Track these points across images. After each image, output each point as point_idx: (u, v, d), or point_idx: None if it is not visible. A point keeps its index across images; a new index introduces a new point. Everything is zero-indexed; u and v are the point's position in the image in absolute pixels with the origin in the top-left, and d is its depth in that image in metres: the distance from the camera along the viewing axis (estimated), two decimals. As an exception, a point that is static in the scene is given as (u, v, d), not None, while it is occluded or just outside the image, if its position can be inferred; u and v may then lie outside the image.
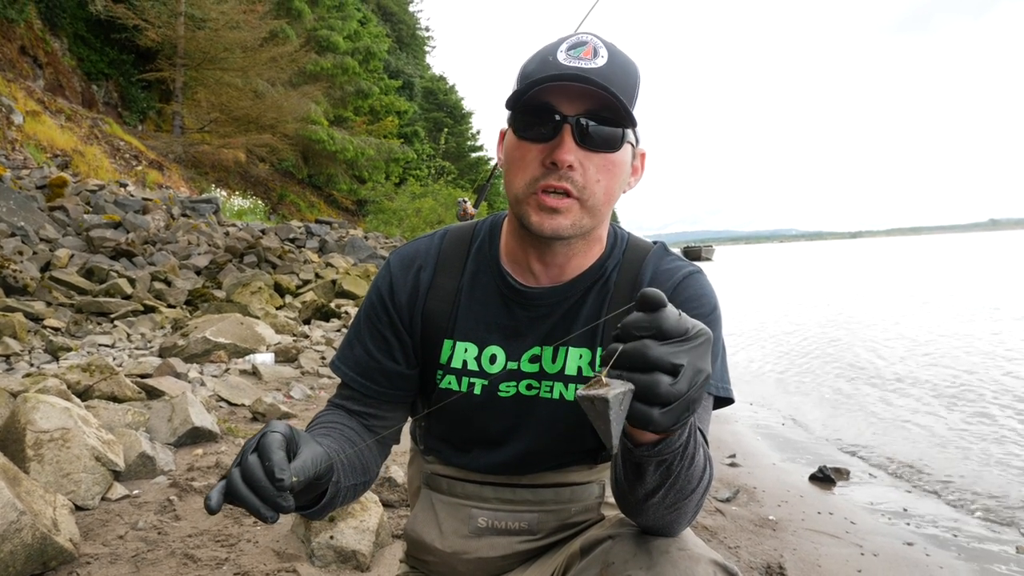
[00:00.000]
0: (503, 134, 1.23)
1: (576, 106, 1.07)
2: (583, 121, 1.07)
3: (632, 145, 1.15)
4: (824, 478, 3.95)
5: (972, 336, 9.08)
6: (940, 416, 5.34)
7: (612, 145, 1.10)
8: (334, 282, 10.00)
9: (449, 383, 1.27)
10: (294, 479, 0.85)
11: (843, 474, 4.04)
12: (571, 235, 1.13)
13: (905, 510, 3.55)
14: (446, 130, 44.99)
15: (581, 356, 1.23)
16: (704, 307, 1.19)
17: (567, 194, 1.09)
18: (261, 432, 0.89)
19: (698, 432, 0.93)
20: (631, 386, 0.72)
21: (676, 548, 1.02)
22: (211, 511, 0.83)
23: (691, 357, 0.73)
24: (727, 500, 3.54)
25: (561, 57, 1.08)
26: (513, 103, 1.11)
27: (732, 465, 4.17)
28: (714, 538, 3.00)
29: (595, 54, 1.08)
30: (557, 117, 1.07)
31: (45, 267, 8.11)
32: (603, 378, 0.73)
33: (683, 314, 0.75)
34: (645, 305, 0.74)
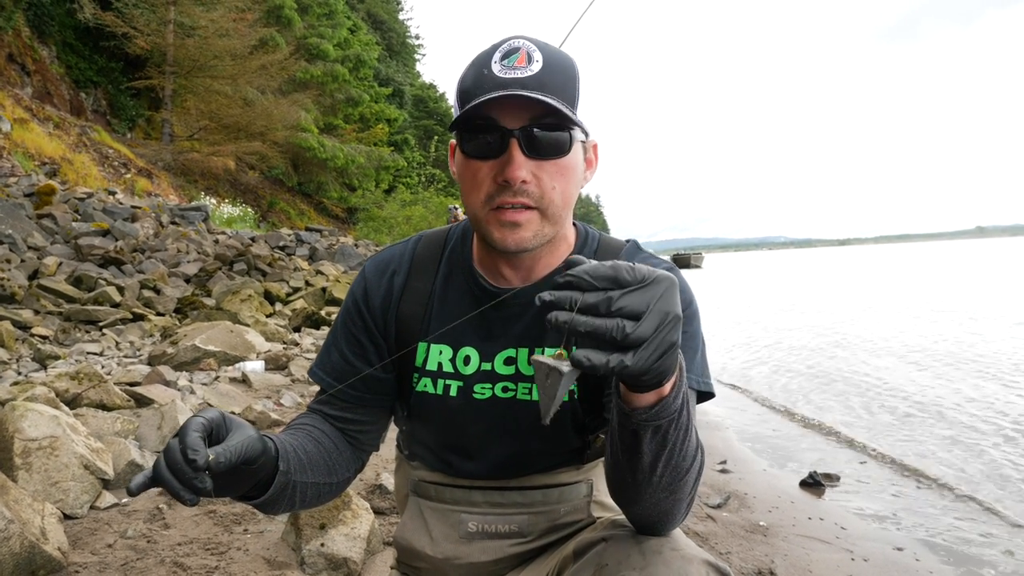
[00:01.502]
0: (453, 148, 1.22)
1: (519, 118, 1.06)
2: (529, 132, 1.06)
3: (582, 142, 1.15)
4: (814, 483, 3.96)
5: (964, 340, 9.14)
6: (932, 420, 5.38)
7: (561, 150, 1.09)
8: (324, 290, 9.99)
9: (425, 386, 1.28)
10: (210, 458, 0.86)
11: (833, 479, 4.05)
12: (534, 246, 1.13)
13: (895, 515, 3.56)
14: (436, 138, 45.05)
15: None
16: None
17: (526, 207, 1.09)
18: (189, 417, 0.90)
19: (692, 408, 0.94)
20: (577, 373, 0.75)
21: (669, 548, 1.02)
22: (131, 493, 0.86)
23: (653, 300, 0.74)
24: (718, 506, 3.54)
25: (496, 69, 1.06)
26: (455, 123, 1.10)
27: (723, 471, 4.18)
28: (705, 544, 3.00)
29: (529, 60, 1.06)
30: (501, 134, 1.07)
31: (33, 275, 8.05)
32: (563, 351, 0.75)
33: (636, 264, 0.76)
34: (571, 266, 0.76)
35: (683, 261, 59.95)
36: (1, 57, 17.52)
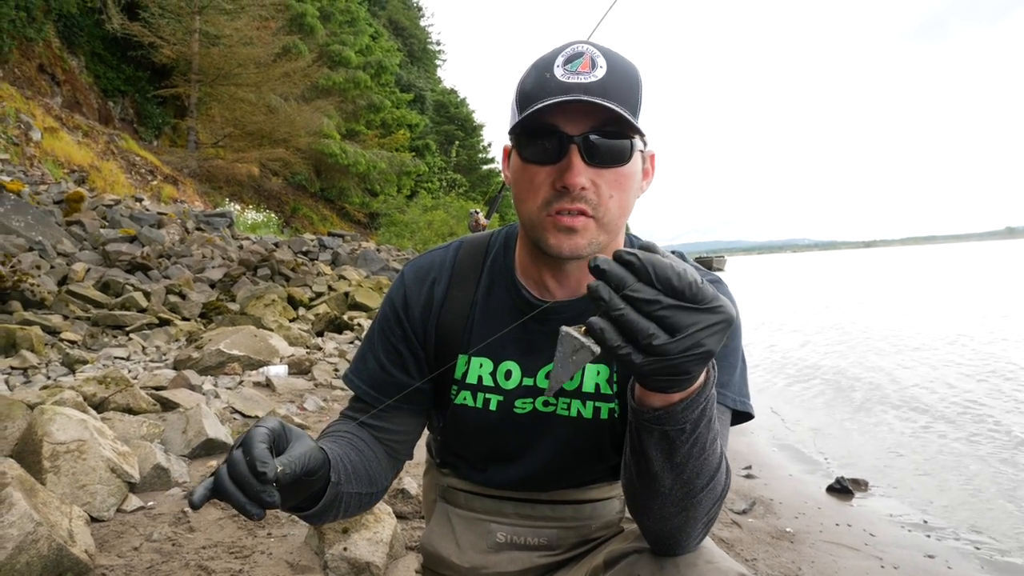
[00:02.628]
0: (507, 151, 1.19)
1: (580, 124, 1.03)
2: (590, 139, 1.03)
3: (641, 152, 1.11)
4: (842, 489, 3.90)
5: (991, 348, 8.97)
6: (959, 431, 5.27)
7: (622, 159, 1.06)
8: (347, 294, 10.03)
9: (464, 399, 1.25)
10: (279, 470, 0.84)
11: (861, 485, 3.98)
12: (589, 253, 1.09)
13: (925, 522, 3.49)
14: (457, 143, 45.21)
15: (599, 372, 1.21)
16: None
17: (582, 213, 1.06)
18: (250, 428, 0.88)
19: (716, 428, 0.90)
20: (597, 350, 0.73)
21: (704, 561, 1.00)
22: (193, 507, 0.83)
23: (696, 327, 0.71)
24: (743, 512, 3.50)
25: (559, 73, 1.04)
26: (515, 127, 1.08)
27: (748, 477, 4.13)
28: (731, 551, 2.96)
29: (593, 65, 1.03)
30: (561, 140, 1.04)
31: (62, 281, 8.18)
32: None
33: (704, 281, 0.72)
34: (647, 249, 0.74)
35: (704, 265, 59.37)
36: (32, 68, 17.88)
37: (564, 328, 0.74)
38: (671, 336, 0.70)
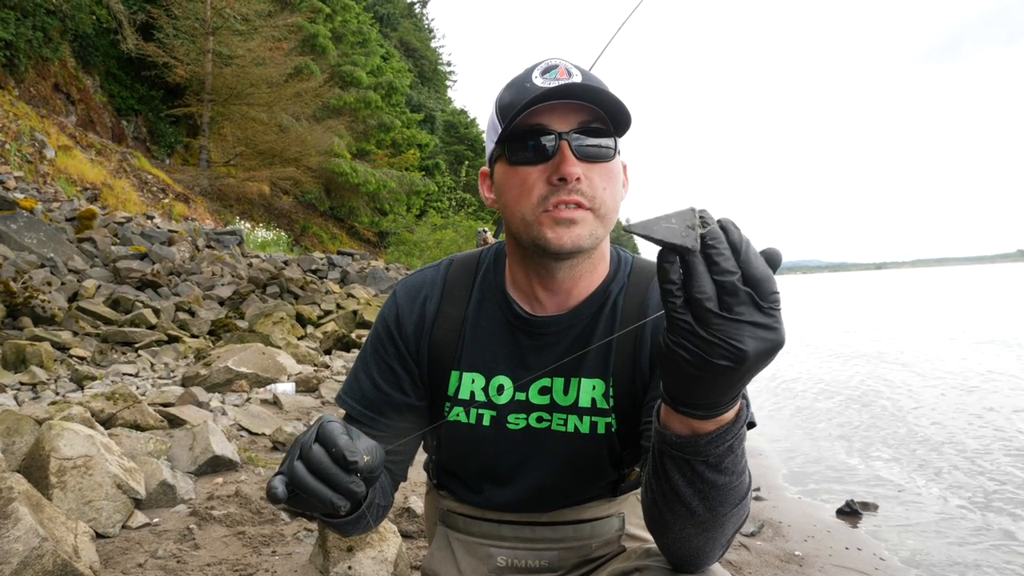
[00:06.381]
0: (485, 174, 1.22)
1: (568, 122, 1.08)
2: (579, 135, 1.08)
3: (619, 154, 1.16)
4: (851, 512, 3.85)
5: (1007, 374, 8.89)
6: (972, 453, 5.21)
7: (608, 155, 1.11)
8: (355, 313, 10.05)
9: (458, 415, 1.25)
10: (366, 460, 0.82)
11: (871, 508, 3.94)
12: (589, 246, 1.11)
13: (936, 545, 3.44)
14: (467, 163, 45.43)
15: (595, 387, 1.20)
16: None
17: (579, 206, 1.08)
18: (316, 424, 0.85)
19: (744, 460, 0.88)
20: (694, 247, 0.68)
21: None
22: (278, 500, 0.80)
23: (744, 316, 0.69)
24: (751, 535, 3.46)
25: (538, 82, 1.09)
26: (504, 133, 1.10)
27: (756, 499, 4.09)
28: (738, 574, 2.93)
29: (569, 74, 1.10)
30: (552, 137, 1.07)
31: (73, 297, 8.24)
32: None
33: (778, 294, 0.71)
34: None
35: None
36: (47, 87, 18.16)
37: (695, 207, 0.69)
38: (719, 311, 0.68)
